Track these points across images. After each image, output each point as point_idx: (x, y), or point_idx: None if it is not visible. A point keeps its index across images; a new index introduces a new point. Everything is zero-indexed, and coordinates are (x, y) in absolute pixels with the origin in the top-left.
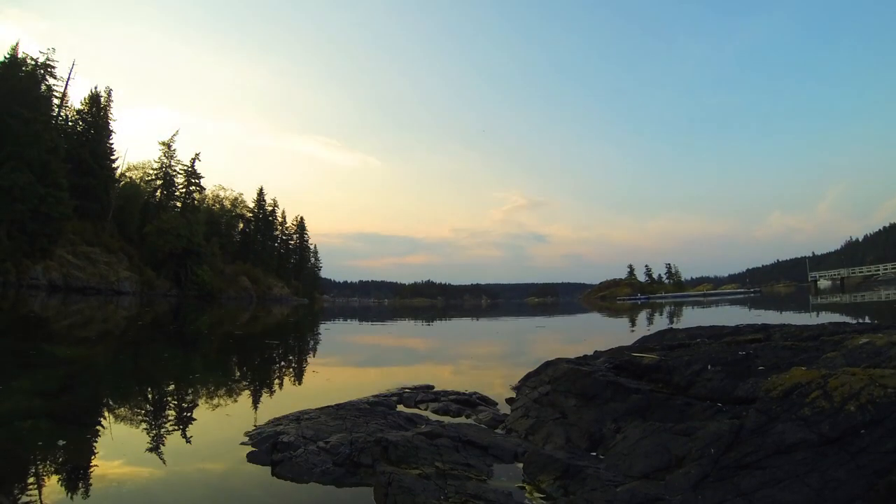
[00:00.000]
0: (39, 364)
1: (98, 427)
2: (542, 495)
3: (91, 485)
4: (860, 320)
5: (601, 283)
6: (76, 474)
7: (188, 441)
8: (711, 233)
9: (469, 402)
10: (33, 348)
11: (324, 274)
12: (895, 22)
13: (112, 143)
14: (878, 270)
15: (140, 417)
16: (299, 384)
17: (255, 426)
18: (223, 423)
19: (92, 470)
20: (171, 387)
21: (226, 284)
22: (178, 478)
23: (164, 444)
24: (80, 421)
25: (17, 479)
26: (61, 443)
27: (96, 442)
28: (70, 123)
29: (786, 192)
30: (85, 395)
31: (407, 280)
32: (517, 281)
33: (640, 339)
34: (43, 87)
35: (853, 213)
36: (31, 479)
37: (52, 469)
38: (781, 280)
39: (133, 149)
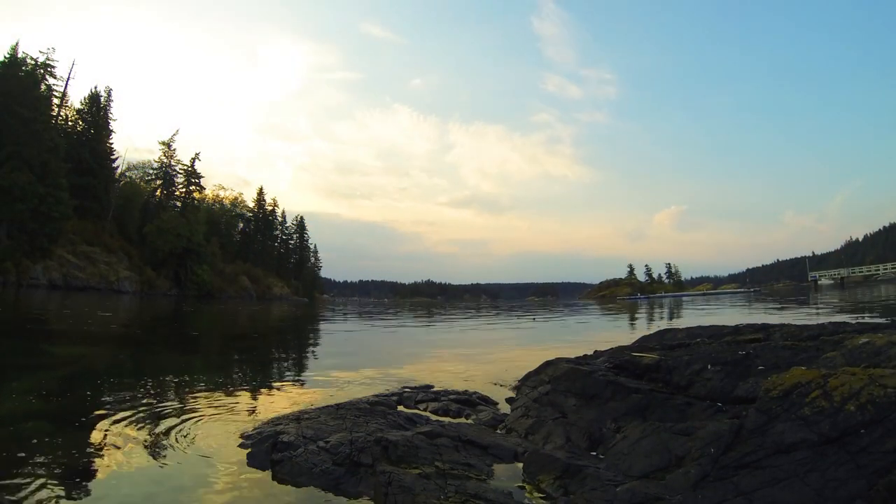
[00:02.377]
0: (40, 364)
1: (98, 428)
2: (541, 495)
3: (91, 486)
4: (860, 320)
5: (601, 283)
6: (77, 475)
7: (188, 441)
8: (724, 234)
9: (469, 402)
10: (33, 348)
11: (323, 273)
12: None
13: (112, 143)
14: (878, 270)
15: (140, 417)
16: (299, 384)
17: (254, 426)
18: (223, 422)
19: (92, 471)
20: (171, 387)
21: (226, 284)
22: (178, 478)
23: (164, 444)
24: (81, 422)
25: (17, 480)
26: (62, 444)
27: (97, 443)
28: (70, 123)
29: (799, 192)
30: (85, 395)
31: (407, 279)
32: (517, 280)
33: (639, 338)
34: (43, 87)
35: (869, 213)
36: (31, 481)
37: (53, 470)
38: (781, 280)
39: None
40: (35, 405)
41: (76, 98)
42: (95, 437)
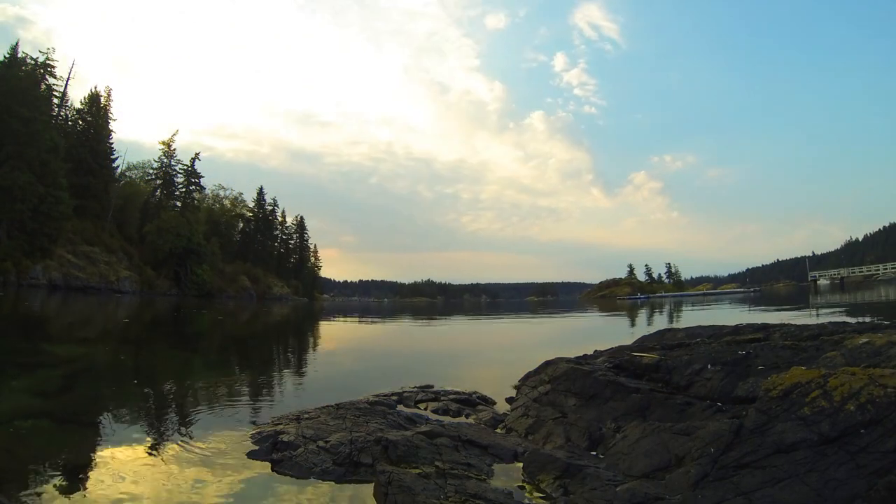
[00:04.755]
0: (40, 364)
1: (98, 427)
2: (541, 495)
3: (91, 485)
4: (860, 320)
5: (601, 283)
6: (77, 474)
7: (188, 441)
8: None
9: (469, 402)
10: (33, 348)
11: (322, 273)
12: None
13: (112, 143)
14: (878, 270)
15: (140, 417)
16: (299, 383)
17: (254, 425)
18: (223, 422)
19: (92, 470)
20: (171, 386)
21: (226, 284)
22: (178, 477)
23: (164, 445)
24: (81, 421)
25: (17, 478)
26: (62, 443)
27: (96, 442)
28: (70, 123)
29: (809, 192)
30: (85, 394)
31: (406, 279)
32: (517, 280)
33: (639, 338)
34: (43, 87)
35: (875, 212)
36: (31, 479)
37: (53, 469)
38: (781, 280)
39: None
40: (35, 404)
41: (76, 98)
42: (95, 436)
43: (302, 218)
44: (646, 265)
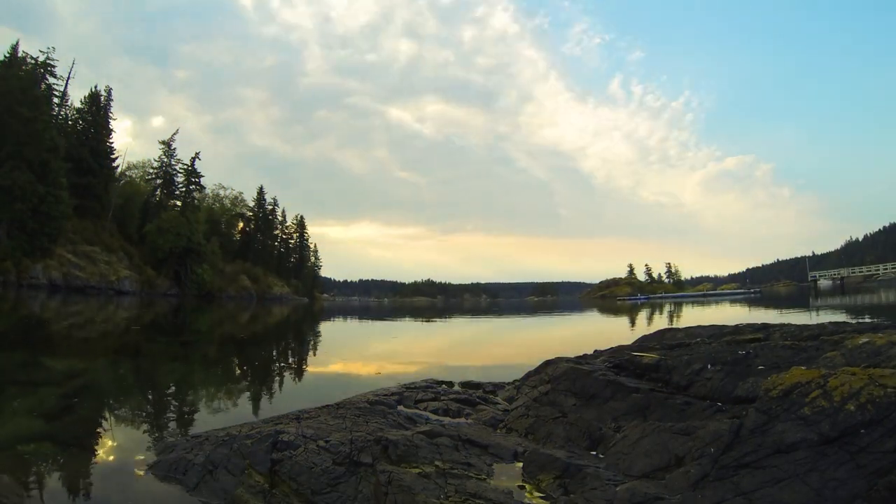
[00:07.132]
0: (40, 381)
1: (102, 449)
2: (541, 494)
3: None
4: (860, 320)
5: (601, 283)
6: (81, 499)
7: (192, 451)
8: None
9: (469, 402)
10: (34, 361)
11: (322, 273)
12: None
13: (112, 142)
14: (878, 270)
15: (143, 434)
16: (299, 383)
17: (255, 426)
18: (223, 424)
19: (97, 495)
20: (172, 398)
21: (226, 283)
22: (181, 494)
23: (166, 457)
24: (83, 444)
25: None
26: (65, 467)
27: (100, 464)
28: (70, 122)
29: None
30: (87, 415)
31: (407, 279)
32: (517, 280)
33: (639, 338)
34: (43, 86)
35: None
36: None
37: (58, 496)
38: (781, 280)
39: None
40: (36, 426)
41: (76, 97)
42: (99, 458)
43: (302, 217)
44: (646, 265)
